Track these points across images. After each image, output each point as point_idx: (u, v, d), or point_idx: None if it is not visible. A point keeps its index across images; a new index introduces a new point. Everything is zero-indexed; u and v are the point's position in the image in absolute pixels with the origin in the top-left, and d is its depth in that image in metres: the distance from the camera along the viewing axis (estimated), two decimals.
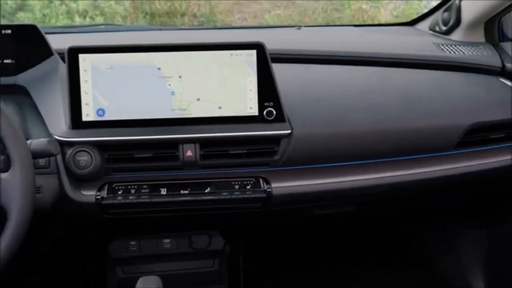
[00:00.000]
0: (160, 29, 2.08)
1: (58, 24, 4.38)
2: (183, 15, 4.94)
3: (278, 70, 1.40)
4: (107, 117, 1.37)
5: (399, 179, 1.46)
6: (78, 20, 4.54)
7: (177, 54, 1.38)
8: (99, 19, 4.64)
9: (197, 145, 1.37)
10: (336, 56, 1.64)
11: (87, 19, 4.61)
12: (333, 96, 1.49)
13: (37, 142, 1.23)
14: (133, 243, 1.62)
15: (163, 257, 1.64)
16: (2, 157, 1.30)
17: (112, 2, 4.79)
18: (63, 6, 4.72)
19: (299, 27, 1.94)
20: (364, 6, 5.06)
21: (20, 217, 1.14)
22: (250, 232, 1.70)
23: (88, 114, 1.37)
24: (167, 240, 1.62)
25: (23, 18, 4.52)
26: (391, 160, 1.46)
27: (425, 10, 2.02)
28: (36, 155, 1.22)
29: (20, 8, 4.70)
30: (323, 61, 1.63)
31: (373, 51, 1.66)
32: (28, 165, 1.16)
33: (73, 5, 4.73)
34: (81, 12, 4.70)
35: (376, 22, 4.69)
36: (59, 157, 1.35)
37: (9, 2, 4.65)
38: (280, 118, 1.39)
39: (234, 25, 4.87)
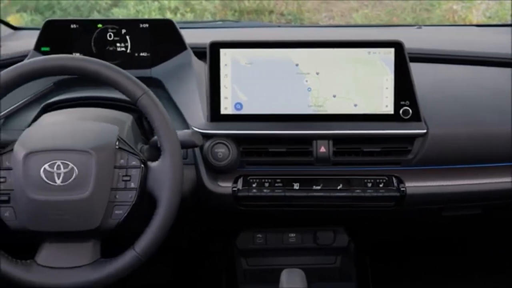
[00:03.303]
0: (279, 26, 2.11)
1: None
2: (270, 13, 4.97)
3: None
4: (244, 111, 1.40)
5: None
6: (169, 17, 4.64)
7: (315, 50, 1.39)
8: (190, 16, 4.74)
9: (331, 142, 1.38)
10: (466, 56, 1.61)
11: (178, 15, 4.71)
12: (466, 96, 1.47)
13: (182, 133, 1.27)
14: (260, 235, 1.65)
15: (286, 251, 1.66)
16: (145, 146, 1.35)
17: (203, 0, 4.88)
18: (156, 3, 4.84)
19: (419, 26, 1.92)
20: (455, 7, 4.94)
21: (169, 205, 1.17)
22: (374, 231, 1.69)
23: (226, 107, 1.40)
24: (292, 235, 1.64)
25: (117, 14, 4.66)
26: None
27: None
28: (181, 145, 1.25)
29: (115, 4, 4.85)
30: (451, 61, 1.61)
31: (503, 51, 1.62)
32: (178, 155, 1.20)
33: (165, 2, 4.84)
34: (172, 9, 4.81)
35: (475, 23, 4.56)
36: (196, 148, 1.39)
37: None
38: (416, 117, 1.38)
39: (321, 23, 4.87)
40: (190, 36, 1.64)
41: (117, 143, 1.20)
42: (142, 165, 1.19)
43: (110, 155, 1.18)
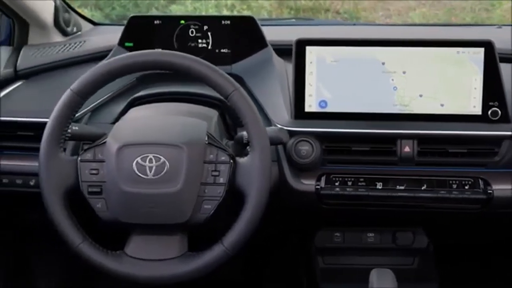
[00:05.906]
0: (355, 24, 2.09)
1: None
2: (326, 11, 4.95)
3: None
4: (328, 109, 1.39)
5: None
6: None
7: (402, 49, 1.37)
8: (246, 13, 4.75)
9: (415, 142, 1.36)
10: None
11: (235, 12, 4.73)
12: None
13: (270, 129, 1.27)
14: (338, 234, 1.64)
15: (363, 251, 1.65)
16: (230, 142, 1.36)
17: None
18: (212, 1, 4.87)
19: (499, 26, 1.88)
20: None
21: (258, 201, 1.17)
22: (454, 232, 1.66)
23: (310, 105, 1.40)
24: (371, 234, 1.63)
25: (175, 10, 4.71)
26: None
27: None
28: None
29: (173, 1, 4.90)
30: None
31: None
32: (267, 152, 1.19)
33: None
34: (228, 6, 4.83)
35: None
36: (280, 145, 1.39)
37: None
38: (505, 118, 1.36)
39: (378, 22, 4.82)
40: (266, 33, 1.64)
41: (206, 138, 1.22)
42: (231, 161, 1.20)
43: (200, 150, 1.19)
